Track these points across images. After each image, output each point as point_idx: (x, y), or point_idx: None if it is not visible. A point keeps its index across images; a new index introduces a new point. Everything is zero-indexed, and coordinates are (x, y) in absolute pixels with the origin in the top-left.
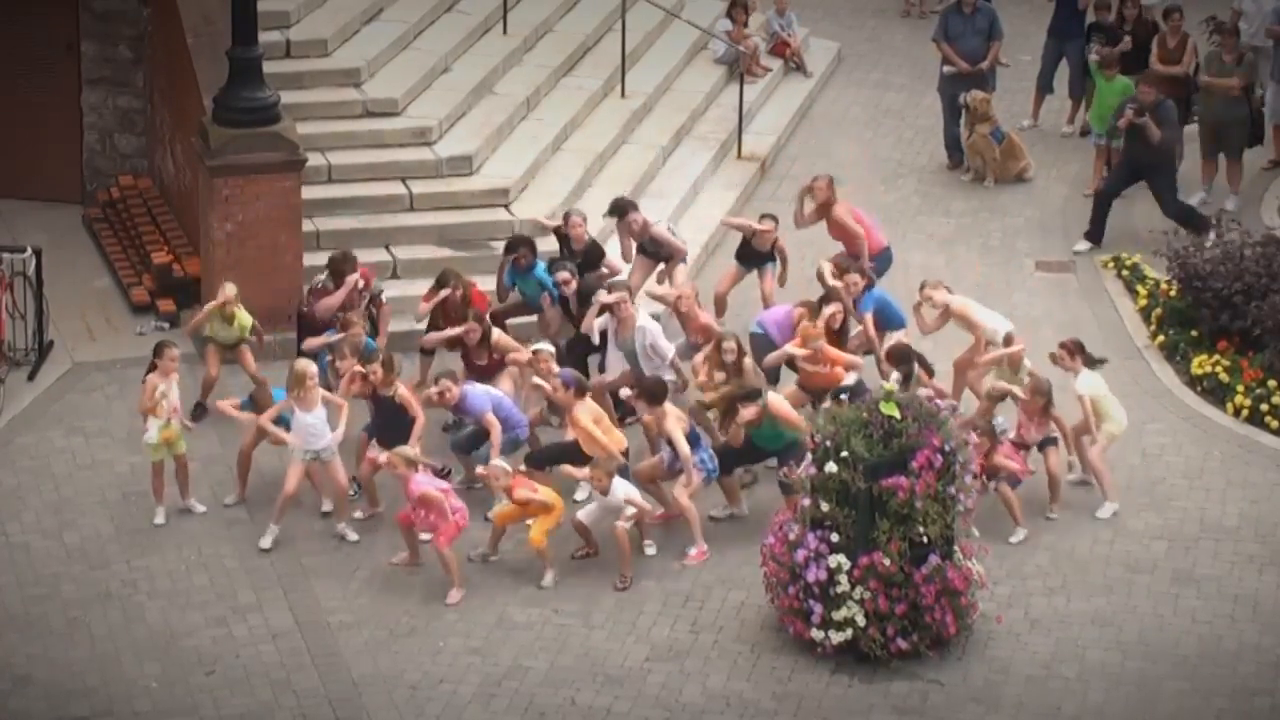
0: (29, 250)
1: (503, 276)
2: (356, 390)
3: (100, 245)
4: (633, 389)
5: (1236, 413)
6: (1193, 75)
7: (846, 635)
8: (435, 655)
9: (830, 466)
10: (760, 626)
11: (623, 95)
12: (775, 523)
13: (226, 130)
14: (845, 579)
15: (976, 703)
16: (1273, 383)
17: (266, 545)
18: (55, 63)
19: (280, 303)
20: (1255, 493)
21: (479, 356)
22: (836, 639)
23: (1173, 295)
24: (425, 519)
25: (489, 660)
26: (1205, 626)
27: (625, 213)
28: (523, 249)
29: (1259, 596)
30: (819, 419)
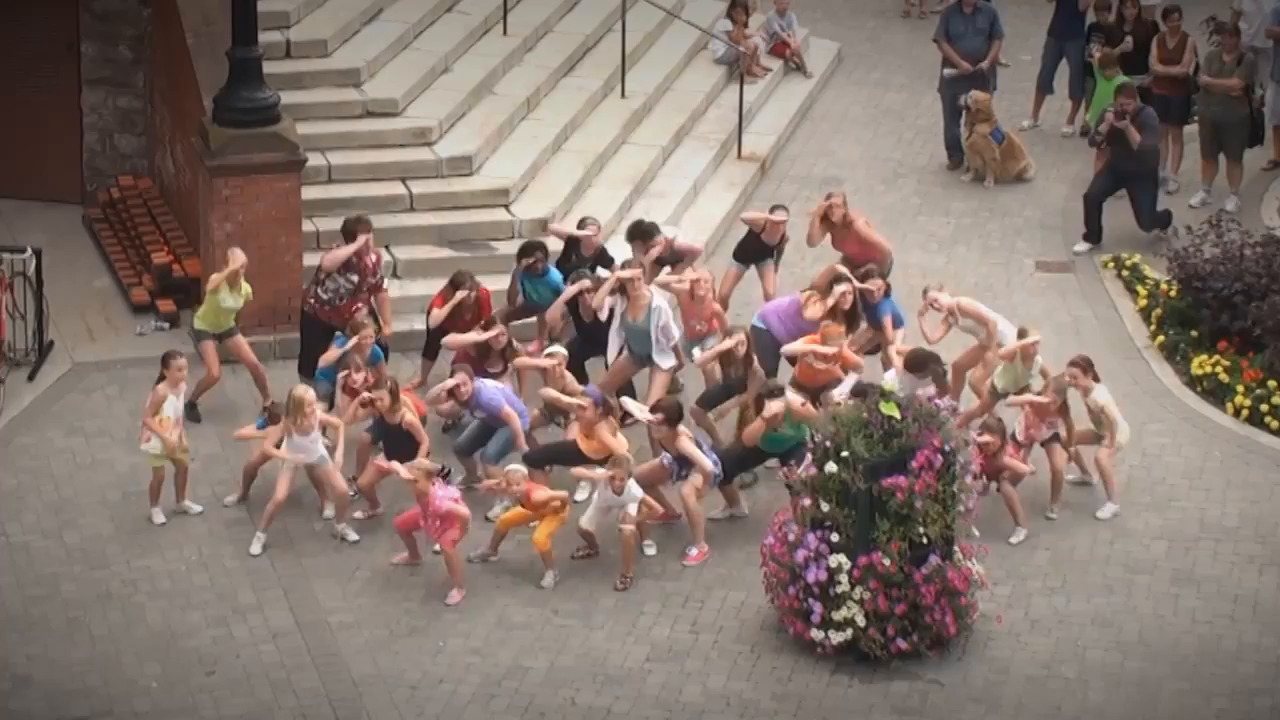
0: (29, 250)
1: (516, 280)
2: (362, 417)
3: (100, 245)
4: (653, 410)
5: (1236, 413)
6: (1193, 75)
7: (846, 635)
8: (435, 655)
9: (830, 466)
10: (760, 626)
11: (623, 95)
12: (775, 523)
13: (226, 130)
14: (845, 579)
15: (976, 703)
16: (1273, 383)
17: (256, 551)
18: (55, 63)
19: (280, 303)
20: (1255, 493)
21: (494, 364)
22: (836, 639)
23: (1173, 295)
24: (439, 530)
25: (489, 660)
26: (1205, 626)
27: (650, 237)
28: (538, 254)
29: (1259, 596)
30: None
